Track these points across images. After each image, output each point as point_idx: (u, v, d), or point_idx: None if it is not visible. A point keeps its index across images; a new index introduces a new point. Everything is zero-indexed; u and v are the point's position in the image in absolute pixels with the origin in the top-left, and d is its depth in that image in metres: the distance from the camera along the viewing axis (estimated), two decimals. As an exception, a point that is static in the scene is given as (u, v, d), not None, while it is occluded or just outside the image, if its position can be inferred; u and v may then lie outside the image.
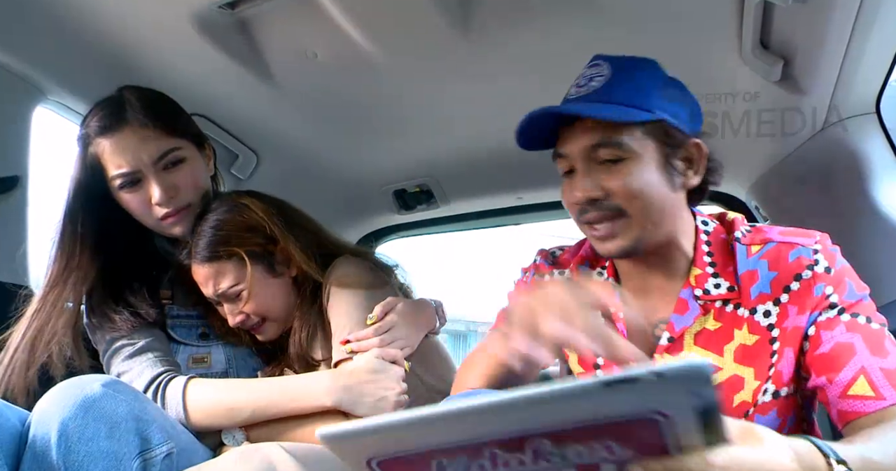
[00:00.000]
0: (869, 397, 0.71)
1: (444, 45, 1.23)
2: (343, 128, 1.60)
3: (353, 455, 0.47)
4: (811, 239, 0.82)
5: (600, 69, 0.83)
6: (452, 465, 0.46)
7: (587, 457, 0.45)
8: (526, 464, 0.45)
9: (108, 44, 1.21)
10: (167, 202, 1.09)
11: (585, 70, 0.86)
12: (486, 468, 0.46)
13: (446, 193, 1.92)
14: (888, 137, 1.23)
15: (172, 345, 1.15)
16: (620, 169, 0.80)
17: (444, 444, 0.45)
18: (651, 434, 0.43)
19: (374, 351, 1.01)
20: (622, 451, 0.44)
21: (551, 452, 0.44)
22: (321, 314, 1.12)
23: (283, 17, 1.17)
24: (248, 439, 1.02)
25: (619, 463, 0.45)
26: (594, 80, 0.82)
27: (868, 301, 0.80)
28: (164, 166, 1.09)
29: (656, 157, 0.81)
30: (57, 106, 1.29)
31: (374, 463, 0.47)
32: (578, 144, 0.82)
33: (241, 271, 1.09)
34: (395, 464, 0.47)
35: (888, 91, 1.21)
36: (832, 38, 1.05)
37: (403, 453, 0.46)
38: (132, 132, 1.07)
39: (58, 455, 0.75)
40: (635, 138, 0.80)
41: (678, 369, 0.39)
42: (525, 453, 0.45)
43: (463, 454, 0.45)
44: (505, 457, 0.45)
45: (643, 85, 0.81)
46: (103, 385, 0.81)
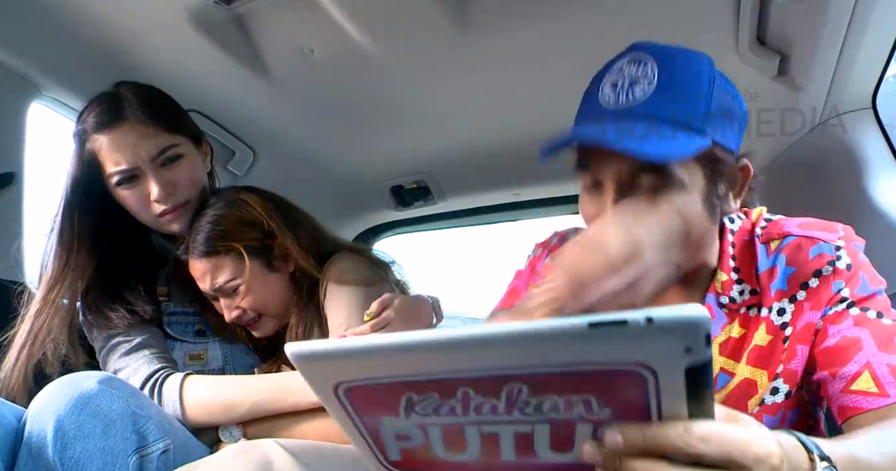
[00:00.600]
0: (872, 394, 0.68)
1: (440, 40, 1.22)
2: (340, 124, 1.59)
3: (322, 378, 0.44)
4: (834, 234, 0.75)
5: (644, 69, 0.69)
6: (422, 403, 0.44)
7: (563, 412, 0.42)
8: (498, 412, 0.43)
9: (103, 40, 1.20)
10: (165, 199, 1.09)
11: (625, 65, 0.71)
12: (456, 412, 0.44)
13: (443, 190, 1.92)
14: (884, 132, 1.23)
15: (169, 342, 1.15)
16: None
17: (416, 375, 0.42)
18: (634, 393, 0.40)
19: (372, 347, 1.01)
20: (600, 410, 0.41)
21: (526, 401, 0.42)
22: (318, 311, 1.12)
23: (279, 13, 1.16)
24: (245, 436, 1.02)
25: (596, 424, 0.43)
26: (636, 86, 0.68)
27: (882, 296, 0.75)
28: (161, 163, 1.09)
29: (702, 185, 0.70)
30: (52, 102, 1.29)
31: (341, 389, 0.44)
32: (615, 166, 0.69)
33: (239, 266, 1.09)
34: (363, 393, 0.44)
35: (884, 86, 1.21)
36: (828, 33, 1.05)
37: (372, 382, 0.43)
38: (130, 129, 1.06)
39: (54, 452, 0.75)
40: (684, 166, 0.68)
41: (671, 317, 0.35)
42: (499, 398, 0.42)
43: (434, 391, 0.43)
44: (478, 400, 0.42)
45: (697, 95, 0.68)
46: (99, 382, 0.81)
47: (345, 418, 0.47)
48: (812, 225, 0.78)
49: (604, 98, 0.71)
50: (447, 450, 0.47)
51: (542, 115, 1.34)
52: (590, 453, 0.43)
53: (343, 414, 0.46)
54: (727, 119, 0.70)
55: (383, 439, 0.48)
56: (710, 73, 0.70)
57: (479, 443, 0.46)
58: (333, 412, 0.47)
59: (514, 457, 0.46)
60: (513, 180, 1.87)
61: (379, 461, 0.50)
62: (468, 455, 0.47)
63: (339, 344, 0.42)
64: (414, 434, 0.46)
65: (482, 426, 0.44)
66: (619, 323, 0.36)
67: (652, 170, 0.67)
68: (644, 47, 0.71)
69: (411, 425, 0.46)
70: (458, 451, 0.47)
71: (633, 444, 0.41)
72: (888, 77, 1.18)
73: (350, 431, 0.48)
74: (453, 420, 0.44)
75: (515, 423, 0.43)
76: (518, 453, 0.46)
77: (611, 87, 0.70)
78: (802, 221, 0.79)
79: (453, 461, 0.48)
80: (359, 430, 0.48)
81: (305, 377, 0.45)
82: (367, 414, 0.46)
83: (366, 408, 0.45)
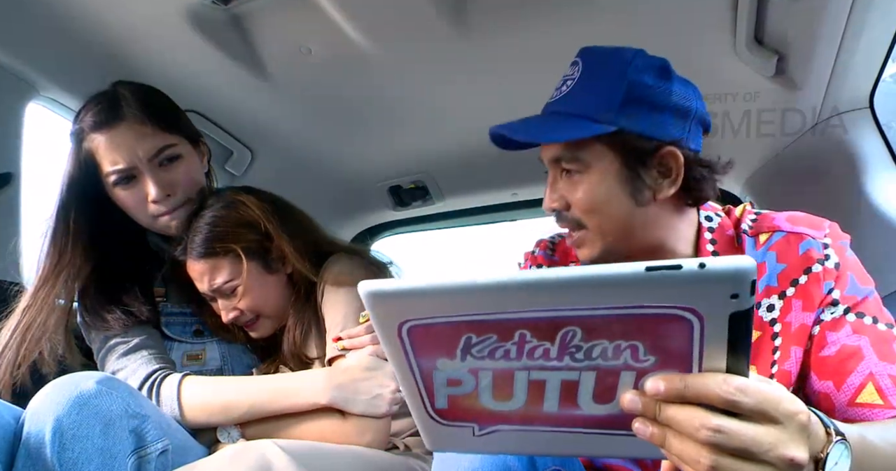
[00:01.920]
0: (878, 406, 0.69)
1: (438, 41, 1.22)
2: (338, 124, 1.59)
3: (389, 316, 0.47)
4: (821, 231, 0.77)
5: (574, 69, 0.80)
6: (479, 345, 0.46)
7: (611, 358, 0.45)
8: (550, 357, 0.46)
9: (101, 40, 1.20)
10: (163, 200, 1.09)
11: (568, 68, 0.83)
12: (510, 355, 0.46)
13: (441, 190, 1.92)
14: (881, 131, 1.24)
15: (166, 342, 1.14)
16: (578, 181, 0.79)
17: (480, 315, 0.45)
18: (679, 340, 0.43)
19: (368, 349, 1.01)
20: (646, 357, 0.44)
21: (578, 345, 0.45)
22: (316, 312, 1.12)
23: (277, 13, 1.16)
24: (243, 437, 1.02)
25: (640, 373, 0.45)
26: (566, 83, 0.80)
27: (873, 298, 0.76)
28: (159, 163, 1.09)
29: (616, 169, 0.77)
30: (49, 102, 1.29)
31: (405, 328, 0.47)
32: (547, 154, 0.82)
33: (237, 267, 1.09)
34: (425, 332, 0.47)
35: (881, 86, 1.21)
36: (826, 33, 1.05)
37: (436, 321, 0.46)
38: (128, 128, 1.06)
39: (52, 453, 0.74)
40: (593, 151, 0.77)
41: (723, 265, 0.39)
42: (554, 342, 0.45)
43: (493, 333, 0.45)
44: (532, 344, 0.45)
45: (609, 90, 0.76)
46: (98, 382, 0.81)
47: (402, 359, 0.49)
48: (800, 220, 0.79)
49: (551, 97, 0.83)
50: (493, 398, 0.49)
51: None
52: (630, 400, 0.46)
53: (401, 355, 0.48)
54: (640, 109, 0.76)
55: (434, 383, 0.50)
56: (623, 70, 0.76)
57: (526, 391, 0.48)
58: (392, 353, 0.49)
59: (556, 408, 0.48)
60: (511, 180, 1.87)
61: (424, 408, 0.52)
62: (512, 405, 0.49)
63: (412, 283, 0.45)
64: (465, 379, 0.49)
65: (531, 372, 0.47)
66: (673, 267, 0.39)
67: (567, 157, 0.78)
68: (583, 52, 0.81)
69: (464, 369, 0.48)
70: (504, 399, 0.49)
71: (673, 392, 0.44)
72: (885, 77, 1.19)
73: (404, 374, 0.50)
74: (505, 365, 0.47)
75: (564, 369, 0.46)
76: (561, 404, 0.48)
77: (556, 89, 0.82)
78: (791, 215, 0.80)
79: (496, 411, 0.50)
80: (412, 373, 0.50)
81: (373, 316, 0.47)
82: (425, 355, 0.48)
83: (424, 348, 0.48)
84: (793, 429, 0.44)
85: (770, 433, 0.44)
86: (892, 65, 1.16)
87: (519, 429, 0.51)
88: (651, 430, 0.46)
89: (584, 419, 0.49)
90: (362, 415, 0.98)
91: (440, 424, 0.52)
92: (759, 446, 0.43)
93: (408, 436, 1.14)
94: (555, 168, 0.82)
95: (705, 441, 0.43)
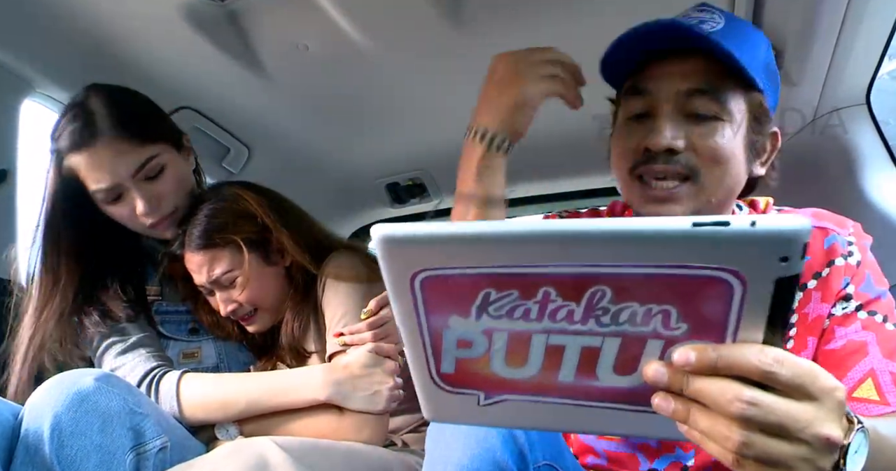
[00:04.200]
0: (873, 401, 0.68)
1: (435, 37, 1.22)
2: (335, 121, 1.59)
3: (402, 264, 0.43)
4: (845, 229, 0.77)
5: (711, 16, 0.73)
6: (499, 301, 0.43)
7: (639, 323, 0.41)
8: (574, 320, 0.42)
9: (97, 36, 1.20)
10: (152, 213, 1.07)
11: (690, 12, 0.75)
12: (530, 316, 0.43)
13: (439, 187, 1.92)
14: (878, 127, 1.24)
15: (162, 341, 1.14)
16: (713, 128, 0.70)
17: (503, 267, 0.41)
18: (717, 306, 0.40)
19: (368, 345, 1.01)
20: (678, 324, 0.41)
21: (606, 308, 0.41)
22: (314, 307, 1.12)
23: (273, 9, 1.16)
24: (241, 434, 1.02)
25: (668, 343, 0.42)
26: (706, 23, 0.72)
27: (887, 299, 0.75)
28: (144, 177, 1.06)
29: (745, 129, 0.72)
30: (45, 99, 1.28)
31: (419, 279, 0.43)
32: (672, 85, 0.71)
33: (236, 258, 1.09)
34: (440, 284, 0.43)
35: (878, 83, 1.21)
36: (823, 29, 1.05)
37: (455, 272, 0.42)
38: (105, 147, 1.01)
39: (50, 449, 0.75)
40: (736, 102, 0.70)
41: (775, 224, 0.36)
42: (580, 302, 0.41)
43: (514, 288, 0.42)
44: (556, 304, 0.42)
45: (758, 48, 0.72)
46: (96, 379, 0.81)
47: (411, 314, 0.45)
48: (825, 216, 0.79)
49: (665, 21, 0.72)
50: (506, 363, 0.46)
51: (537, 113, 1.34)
52: (656, 370, 0.42)
53: (410, 310, 0.45)
54: (774, 81, 0.74)
55: (444, 344, 0.46)
56: (766, 39, 0.75)
57: (542, 356, 0.45)
58: (400, 308, 0.45)
59: (572, 377, 0.45)
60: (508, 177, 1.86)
61: (429, 372, 0.48)
62: (525, 372, 0.46)
63: (432, 228, 0.41)
64: (477, 341, 0.45)
65: (551, 336, 0.44)
66: (721, 223, 0.36)
67: (712, 95, 0.70)
68: (710, 6, 0.75)
69: (478, 330, 0.44)
70: (517, 365, 0.46)
71: (705, 362, 0.41)
72: (882, 74, 1.19)
73: (410, 332, 0.46)
74: (524, 326, 0.43)
75: (586, 334, 0.43)
76: (577, 373, 0.45)
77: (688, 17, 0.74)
78: (815, 211, 0.80)
79: (507, 379, 0.47)
80: (420, 331, 0.46)
81: (385, 263, 0.43)
82: (437, 311, 0.44)
83: (438, 303, 0.44)
84: (830, 406, 0.42)
85: (807, 410, 0.41)
86: (888, 62, 1.16)
87: (528, 399, 0.47)
88: (673, 405, 0.43)
89: (601, 391, 0.45)
90: (361, 411, 0.98)
91: (444, 390, 0.49)
92: (795, 422, 0.40)
93: (406, 433, 1.14)
94: (675, 105, 0.71)
95: (738, 416, 0.40)
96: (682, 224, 0.37)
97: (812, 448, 0.41)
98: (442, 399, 0.49)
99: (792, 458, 0.41)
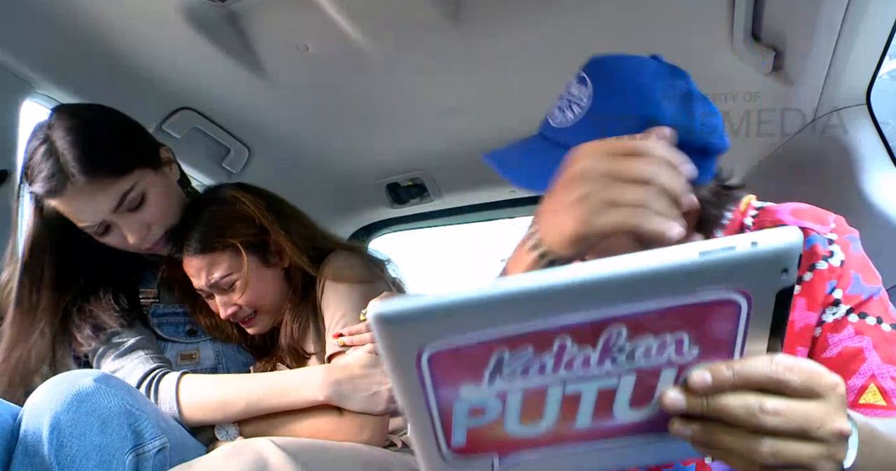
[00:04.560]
0: (880, 407, 0.67)
1: (435, 37, 1.22)
2: (335, 121, 1.59)
3: (406, 343, 0.40)
4: (826, 226, 0.74)
5: (581, 93, 0.71)
6: (514, 360, 0.41)
7: (654, 355, 0.42)
8: (590, 365, 0.42)
9: (97, 36, 1.20)
10: (143, 242, 1.07)
11: (572, 85, 0.73)
12: (545, 369, 0.42)
13: (439, 187, 1.92)
14: (878, 128, 1.24)
15: (160, 343, 1.14)
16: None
17: (517, 326, 0.40)
18: (725, 325, 0.41)
19: (368, 346, 1.01)
20: (690, 350, 0.42)
21: (622, 347, 0.42)
22: (314, 308, 1.12)
23: (273, 10, 1.16)
24: (241, 435, 1.02)
25: (681, 368, 0.43)
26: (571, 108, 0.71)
27: (879, 297, 0.73)
28: (126, 210, 1.04)
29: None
30: (45, 99, 1.28)
31: (425, 355, 0.40)
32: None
33: (235, 262, 1.09)
34: (449, 357, 0.41)
35: (878, 83, 1.21)
36: (823, 29, 1.05)
37: (464, 342, 0.40)
38: (77, 192, 0.99)
39: (50, 450, 0.74)
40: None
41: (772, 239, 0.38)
42: (596, 346, 0.41)
43: (530, 344, 0.41)
44: (572, 352, 0.42)
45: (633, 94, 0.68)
46: (95, 380, 0.81)
47: (417, 394, 0.42)
48: (805, 213, 0.76)
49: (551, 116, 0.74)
50: (520, 421, 0.45)
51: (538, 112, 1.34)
52: (674, 399, 0.43)
53: (417, 389, 0.42)
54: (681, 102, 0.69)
55: (454, 416, 0.44)
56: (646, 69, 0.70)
57: (558, 407, 0.44)
58: (405, 388, 0.42)
59: (588, 421, 0.45)
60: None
61: (437, 448, 0.46)
62: (541, 426, 0.45)
63: (435, 299, 0.38)
64: (490, 406, 0.44)
65: (567, 386, 0.43)
66: (727, 248, 0.38)
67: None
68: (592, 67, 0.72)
69: (491, 394, 0.43)
70: (532, 421, 0.45)
71: (721, 381, 0.42)
72: (882, 74, 1.19)
73: (416, 411, 0.44)
74: (539, 381, 0.43)
75: (602, 378, 0.43)
76: (594, 416, 0.45)
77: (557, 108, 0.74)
78: (795, 207, 0.77)
79: (522, 437, 0.46)
80: (428, 408, 0.43)
81: (385, 344, 0.40)
82: (446, 384, 0.42)
83: (447, 376, 0.42)
84: (836, 401, 0.44)
85: (818, 408, 0.42)
86: (888, 62, 1.16)
87: (544, 454, 0.47)
88: (692, 428, 0.44)
89: (617, 429, 0.46)
90: (360, 412, 0.98)
91: (454, 465, 0.47)
92: (812, 423, 0.42)
93: (405, 433, 1.14)
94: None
95: (762, 426, 0.41)
96: (690, 254, 0.38)
97: (829, 444, 0.43)
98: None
99: (815, 457, 0.43)
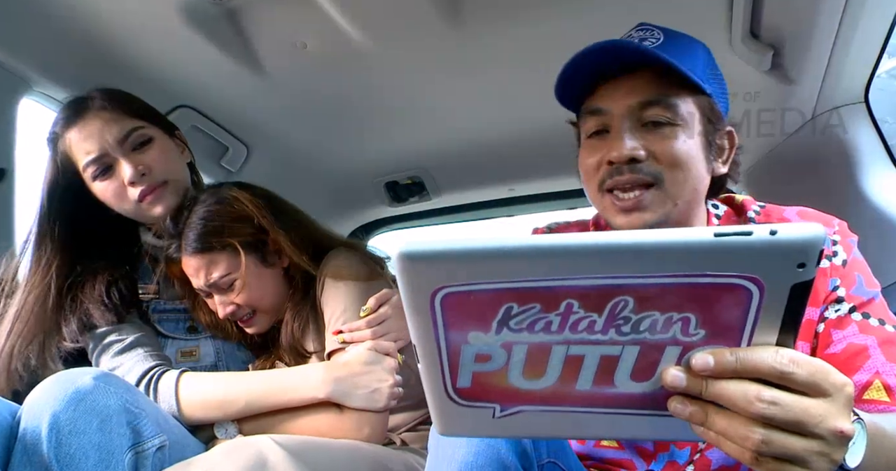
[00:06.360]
0: (884, 402, 0.68)
1: (434, 36, 1.22)
2: (334, 119, 1.59)
3: (423, 281, 0.42)
4: (830, 228, 0.77)
5: (651, 33, 0.77)
6: (520, 315, 0.43)
7: (659, 331, 0.43)
8: (594, 330, 0.43)
9: (94, 34, 1.20)
10: (140, 179, 1.09)
11: (632, 32, 0.79)
12: (551, 328, 0.43)
13: (438, 185, 1.92)
14: (876, 126, 1.24)
15: (160, 339, 1.14)
16: (668, 133, 0.73)
17: (528, 282, 0.41)
18: (734, 311, 0.41)
19: (368, 343, 1.01)
20: (696, 330, 0.43)
21: (627, 317, 0.42)
22: (314, 306, 1.12)
23: (271, 8, 1.16)
24: (240, 432, 1.01)
25: (685, 348, 0.43)
26: (646, 40, 0.76)
27: (879, 300, 0.75)
28: (131, 147, 1.10)
29: (699, 132, 0.75)
30: (43, 98, 1.28)
31: (440, 296, 0.43)
32: (624, 100, 0.75)
33: (234, 261, 1.09)
34: (461, 301, 0.43)
35: (877, 82, 1.21)
36: (821, 27, 1.05)
37: (476, 288, 0.42)
38: (94, 116, 1.09)
39: (49, 448, 0.74)
40: (687, 107, 0.74)
41: (795, 232, 0.38)
42: (602, 313, 0.42)
43: (538, 302, 0.42)
44: (578, 315, 0.42)
45: (698, 56, 0.76)
46: (94, 378, 0.81)
47: (429, 332, 0.45)
48: (810, 215, 0.79)
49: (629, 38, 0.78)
50: (523, 375, 0.46)
51: (536, 111, 1.34)
52: (675, 376, 0.44)
53: (429, 327, 0.44)
54: (720, 83, 0.78)
55: (461, 359, 0.46)
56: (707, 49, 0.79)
57: (561, 367, 0.45)
58: (418, 325, 0.45)
59: (589, 385, 0.46)
60: (508, 176, 1.87)
61: (444, 387, 0.48)
62: (543, 383, 0.46)
63: (455, 244, 0.41)
64: (496, 354, 0.45)
65: (571, 347, 0.44)
66: (743, 233, 0.38)
67: (662, 103, 0.73)
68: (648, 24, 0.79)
69: (497, 344, 0.45)
70: (535, 376, 0.46)
71: (724, 366, 0.43)
72: (881, 73, 1.19)
73: (428, 349, 0.46)
74: (544, 338, 0.44)
75: (606, 344, 0.44)
76: (595, 381, 0.46)
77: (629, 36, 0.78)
78: (801, 209, 0.80)
79: (524, 390, 0.47)
80: (438, 347, 0.46)
81: (404, 281, 0.42)
82: (456, 327, 0.44)
83: (458, 319, 0.44)
84: (841, 401, 0.44)
85: (821, 406, 0.43)
86: (887, 60, 1.16)
87: (544, 409, 0.48)
88: (690, 408, 0.44)
89: (617, 398, 0.46)
90: (360, 409, 0.98)
91: (458, 405, 0.49)
92: (811, 418, 0.42)
93: (405, 431, 1.14)
94: (630, 118, 0.75)
95: (758, 415, 0.42)
96: (705, 235, 0.38)
97: (826, 442, 0.43)
98: (456, 413, 0.49)
99: (808, 452, 0.43)
